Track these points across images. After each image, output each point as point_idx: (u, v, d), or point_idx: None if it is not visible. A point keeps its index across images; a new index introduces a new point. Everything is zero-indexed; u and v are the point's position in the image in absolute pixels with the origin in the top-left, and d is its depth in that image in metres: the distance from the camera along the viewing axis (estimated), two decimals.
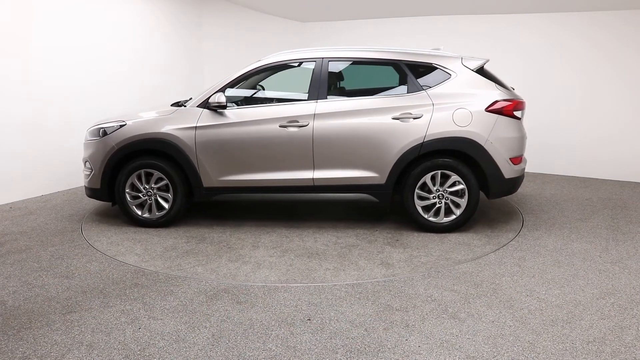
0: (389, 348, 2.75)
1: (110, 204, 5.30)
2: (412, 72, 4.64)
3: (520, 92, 4.97)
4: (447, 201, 4.59)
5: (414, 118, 4.49)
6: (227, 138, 4.65)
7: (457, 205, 4.59)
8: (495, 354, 2.69)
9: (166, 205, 4.82)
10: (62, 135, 6.19)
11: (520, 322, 3.02)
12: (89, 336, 2.88)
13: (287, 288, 3.51)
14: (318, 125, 4.57)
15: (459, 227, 4.65)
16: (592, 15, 6.90)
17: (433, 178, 4.56)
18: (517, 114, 4.57)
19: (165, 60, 7.54)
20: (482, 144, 4.45)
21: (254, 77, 4.96)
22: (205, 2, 8.09)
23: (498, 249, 4.27)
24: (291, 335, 2.89)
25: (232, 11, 8.40)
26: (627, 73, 6.80)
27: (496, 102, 4.49)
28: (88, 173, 4.94)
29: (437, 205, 4.60)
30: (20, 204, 5.65)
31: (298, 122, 4.59)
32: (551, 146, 7.36)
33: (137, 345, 2.78)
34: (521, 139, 4.64)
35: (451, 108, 4.49)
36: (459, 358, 2.65)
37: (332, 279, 3.65)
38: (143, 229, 4.85)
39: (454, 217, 4.60)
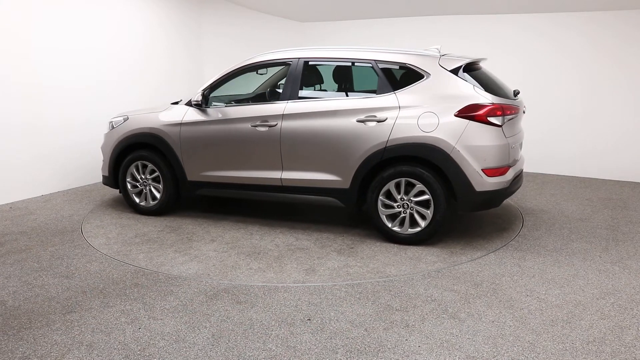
0: (389, 348, 2.75)
1: (117, 191, 5.61)
2: (383, 73, 4.37)
3: (520, 93, 4.93)
4: (412, 211, 4.25)
5: (378, 121, 4.24)
6: (206, 135, 4.87)
7: (424, 217, 4.23)
8: (495, 354, 2.69)
9: (158, 195, 5.17)
10: (62, 135, 6.18)
11: (520, 322, 3.02)
12: (89, 336, 2.88)
13: (287, 288, 3.51)
14: (286, 125, 4.55)
15: (426, 239, 4.27)
16: (593, 15, 6.90)
17: (399, 186, 4.25)
18: (495, 120, 4.07)
19: (167, 60, 7.53)
20: (449, 152, 4.06)
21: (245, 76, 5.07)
22: (205, 2, 8.09)
23: (498, 249, 4.27)
24: (291, 335, 2.89)
25: (231, 9, 8.40)
26: (628, 73, 6.79)
27: (468, 106, 4.07)
28: (103, 162, 5.47)
29: (402, 215, 4.29)
30: (20, 204, 5.65)
31: (268, 122, 4.61)
32: (551, 146, 7.35)
33: (137, 345, 2.78)
34: (500, 149, 4.12)
35: (418, 112, 4.16)
36: (459, 358, 2.65)
37: (244, 279, 3.68)
38: (136, 217, 5.21)
39: (418, 229, 4.25)
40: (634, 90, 6.78)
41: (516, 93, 4.65)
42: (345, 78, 5.08)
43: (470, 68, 4.38)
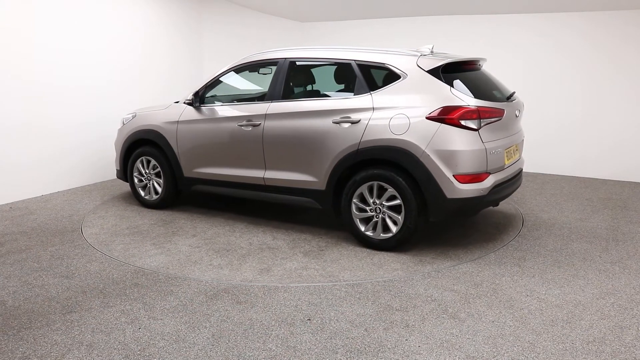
0: (389, 348, 2.75)
1: (127, 185, 5.96)
2: (362, 73, 4.28)
3: (520, 92, 4.92)
4: (384, 216, 4.13)
5: (352, 123, 4.16)
6: (199, 133, 5.04)
7: (397, 222, 4.08)
8: (495, 354, 2.69)
9: (160, 190, 5.41)
10: (63, 135, 6.18)
11: (520, 322, 3.02)
12: (89, 336, 2.88)
13: (287, 288, 3.52)
14: (268, 125, 4.59)
15: (399, 245, 4.12)
16: (593, 15, 6.90)
17: (372, 189, 4.14)
18: (470, 123, 3.86)
19: (168, 59, 7.53)
20: (418, 156, 3.89)
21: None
22: (206, 1, 8.09)
23: (498, 249, 4.27)
24: (291, 335, 2.89)
25: (232, 9, 8.40)
26: (628, 73, 6.79)
27: (440, 109, 3.89)
28: (115, 156, 5.80)
29: (375, 220, 4.17)
30: (20, 204, 5.65)
31: (252, 121, 4.68)
32: (551, 146, 7.35)
33: (137, 345, 2.78)
34: (474, 154, 3.88)
35: (390, 113, 4.02)
36: (459, 358, 2.65)
37: (198, 274, 3.74)
38: (139, 210, 5.46)
39: (390, 234, 4.12)
40: (633, 90, 6.78)
41: (510, 95, 4.50)
42: (326, 78, 5.06)
43: (460, 69, 4.23)
